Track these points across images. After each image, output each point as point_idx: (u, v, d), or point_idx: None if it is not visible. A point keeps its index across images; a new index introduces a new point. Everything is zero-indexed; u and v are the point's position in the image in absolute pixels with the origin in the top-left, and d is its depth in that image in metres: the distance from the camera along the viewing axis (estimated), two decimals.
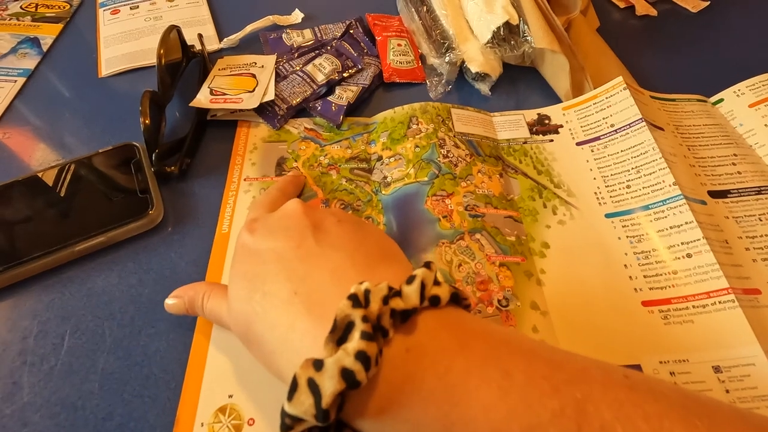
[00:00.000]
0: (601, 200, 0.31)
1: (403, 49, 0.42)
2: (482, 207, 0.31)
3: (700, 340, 0.24)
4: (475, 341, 0.17)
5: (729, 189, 0.32)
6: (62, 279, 0.29)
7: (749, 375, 0.23)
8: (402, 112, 0.36)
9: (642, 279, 0.27)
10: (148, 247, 0.30)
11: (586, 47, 0.41)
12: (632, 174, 0.31)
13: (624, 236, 0.29)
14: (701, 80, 0.41)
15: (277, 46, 0.43)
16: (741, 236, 0.29)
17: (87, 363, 0.25)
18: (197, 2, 0.49)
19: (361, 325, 0.16)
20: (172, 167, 0.33)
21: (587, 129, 0.35)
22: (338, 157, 0.35)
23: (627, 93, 0.35)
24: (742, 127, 0.36)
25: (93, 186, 0.32)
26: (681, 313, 0.26)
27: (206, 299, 0.24)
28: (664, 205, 0.29)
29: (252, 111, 0.37)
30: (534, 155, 0.34)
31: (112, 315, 0.27)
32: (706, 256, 0.27)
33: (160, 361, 0.26)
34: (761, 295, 0.26)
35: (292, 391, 0.15)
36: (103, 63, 0.43)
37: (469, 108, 0.37)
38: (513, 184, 0.33)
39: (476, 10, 0.40)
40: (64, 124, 0.38)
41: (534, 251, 0.29)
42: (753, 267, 0.28)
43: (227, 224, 0.31)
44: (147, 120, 0.32)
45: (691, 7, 0.49)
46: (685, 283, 0.27)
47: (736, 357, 0.24)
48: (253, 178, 0.33)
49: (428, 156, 0.33)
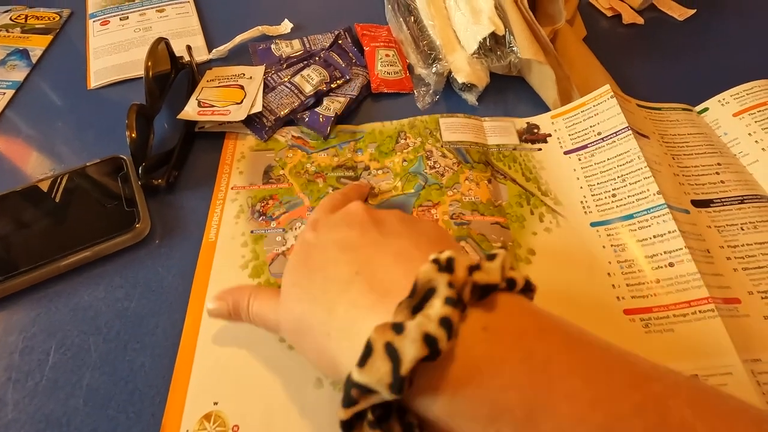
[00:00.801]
0: (587, 209, 0.32)
1: (391, 60, 0.42)
2: (468, 214, 0.31)
3: (680, 349, 0.25)
4: (553, 329, 0.16)
5: (712, 198, 0.32)
6: (48, 293, 0.29)
7: (726, 384, 0.23)
8: (391, 127, 0.37)
9: (625, 287, 0.28)
10: (135, 261, 0.30)
11: (573, 57, 0.41)
12: (618, 183, 0.32)
13: (608, 245, 0.30)
14: (687, 89, 0.42)
15: (265, 57, 0.43)
16: (723, 245, 0.29)
17: (72, 378, 0.25)
18: (187, 13, 0.49)
19: (446, 290, 0.15)
20: (159, 180, 0.33)
21: (575, 137, 0.36)
22: (325, 165, 0.35)
23: (614, 101, 0.35)
24: (727, 136, 0.36)
25: (79, 200, 0.32)
26: (661, 321, 0.26)
27: (253, 300, 0.23)
28: (648, 214, 0.30)
29: (240, 123, 0.37)
30: (523, 162, 0.35)
31: (98, 330, 0.27)
32: (688, 265, 0.27)
33: (145, 376, 0.26)
34: (740, 304, 0.27)
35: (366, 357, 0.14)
36: (92, 75, 0.43)
37: (459, 114, 0.38)
38: (501, 190, 0.33)
39: (463, 21, 0.40)
40: (52, 137, 0.38)
41: (520, 257, 0.29)
42: (733, 276, 0.28)
43: (214, 233, 0.31)
44: (133, 134, 0.32)
45: (677, 15, 0.50)
46: (666, 292, 0.27)
47: (714, 366, 0.24)
48: (240, 187, 0.34)
49: (415, 169, 0.34)
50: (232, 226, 0.31)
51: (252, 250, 0.30)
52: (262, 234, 0.31)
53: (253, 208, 0.32)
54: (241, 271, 0.29)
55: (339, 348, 0.17)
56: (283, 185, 0.34)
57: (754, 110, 0.36)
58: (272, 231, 0.31)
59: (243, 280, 0.29)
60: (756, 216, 0.31)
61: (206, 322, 0.27)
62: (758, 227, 0.30)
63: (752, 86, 0.38)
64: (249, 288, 0.24)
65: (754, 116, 0.36)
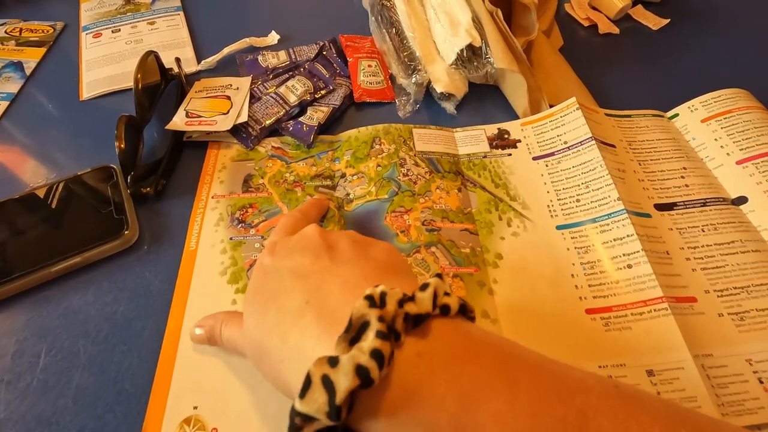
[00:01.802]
0: (553, 213, 0.33)
1: (373, 70, 0.44)
2: (439, 221, 0.32)
3: (637, 345, 0.26)
4: (484, 351, 0.17)
5: (676, 202, 0.33)
6: (39, 298, 0.30)
7: (678, 378, 0.25)
8: (366, 132, 0.38)
9: (587, 288, 0.29)
10: (124, 267, 0.32)
11: (548, 67, 0.43)
12: (582, 189, 0.33)
13: (572, 247, 0.31)
14: (659, 95, 0.43)
15: (253, 68, 0.45)
16: (683, 247, 0.31)
17: (62, 380, 0.27)
18: (177, 25, 0.51)
19: (377, 324, 0.16)
20: (148, 188, 0.34)
21: (543, 145, 0.37)
22: (303, 175, 0.36)
23: (579, 113, 0.37)
24: (695, 141, 0.38)
25: (71, 207, 0.33)
26: (620, 320, 0.27)
27: (224, 326, 0.25)
28: (609, 218, 0.31)
29: (226, 132, 0.38)
30: (492, 169, 0.36)
31: (87, 333, 0.29)
32: (644, 266, 0.28)
33: (132, 376, 0.27)
34: (696, 302, 0.28)
35: (305, 389, 0.15)
36: (85, 86, 0.44)
37: (431, 126, 0.39)
38: (471, 198, 0.34)
39: (442, 33, 0.42)
40: (46, 147, 0.39)
41: (488, 262, 0.31)
42: (691, 276, 0.29)
43: (194, 241, 0.32)
44: (122, 144, 0.33)
45: (652, 25, 0.51)
46: (625, 292, 0.28)
47: (667, 361, 0.25)
48: (220, 196, 0.35)
49: (389, 175, 0.35)
50: (212, 233, 0.32)
51: (231, 256, 0.31)
52: (241, 241, 0.32)
53: (232, 216, 0.33)
54: (220, 277, 0.30)
55: (290, 375, 0.19)
56: (262, 194, 0.35)
57: (721, 117, 0.38)
58: (251, 238, 0.32)
59: (222, 286, 0.30)
60: (717, 218, 0.32)
61: (187, 327, 0.28)
62: (718, 228, 0.31)
63: (719, 94, 0.39)
64: (222, 315, 0.26)
65: (720, 123, 0.38)
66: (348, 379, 0.15)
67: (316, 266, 0.21)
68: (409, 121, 0.41)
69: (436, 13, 0.43)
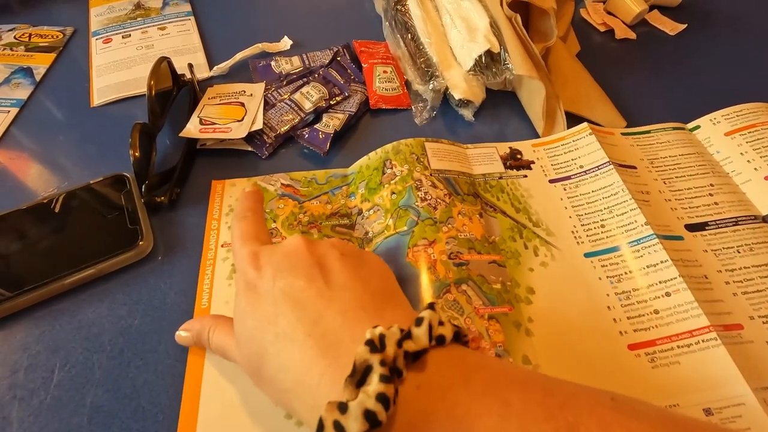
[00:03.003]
0: (579, 239, 0.32)
1: (388, 76, 0.43)
2: (466, 253, 0.29)
3: (688, 381, 0.24)
4: (476, 374, 0.18)
5: (707, 221, 0.32)
6: (53, 311, 0.29)
7: (741, 416, 0.23)
8: (376, 157, 0.35)
9: (626, 321, 0.27)
10: (138, 278, 0.31)
11: (566, 73, 0.42)
12: (605, 214, 0.32)
13: (604, 276, 0.29)
14: (679, 104, 0.43)
15: (265, 74, 0.44)
16: (720, 270, 0.29)
17: (76, 397, 0.26)
18: (188, 30, 0.50)
19: (380, 368, 0.17)
20: (162, 197, 0.34)
21: (558, 168, 0.36)
22: (318, 214, 0.33)
23: (593, 138, 0.35)
24: (719, 154, 0.36)
25: (83, 217, 0.33)
26: (667, 354, 0.25)
27: (212, 333, 0.25)
28: (638, 244, 0.30)
29: (241, 140, 0.37)
30: (510, 191, 0.34)
31: (101, 347, 0.28)
32: (684, 294, 0.27)
33: (149, 393, 0.26)
34: (743, 330, 0.26)
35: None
36: (95, 92, 0.44)
37: (443, 141, 0.37)
38: (493, 224, 0.32)
39: (459, 38, 0.41)
40: (57, 155, 0.39)
41: (520, 298, 0.29)
42: (734, 301, 0.28)
43: (206, 298, 0.29)
44: (137, 153, 0.32)
45: (669, 29, 0.51)
46: (667, 323, 0.26)
47: (725, 397, 0.23)
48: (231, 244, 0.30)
49: (405, 202, 0.31)
50: (225, 288, 0.29)
51: None
52: None
53: None
54: None
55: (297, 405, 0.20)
56: (276, 240, 0.31)
57: (745, 131, 0.37)
58: None
59: None
60: (751, 238, 0.31)
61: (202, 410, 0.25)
62: (754, 249, 0.30)
63: (741, 108, 0.38)
64: (209, 321, 0.26)
65: (745, 137, 0.36)
66: (358, 423, 0.16)
67: (311, 290, 0.21)
68: (425, 128, 0.40)
69: (452, 19, 0.43)
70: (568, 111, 0.39)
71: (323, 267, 0.22)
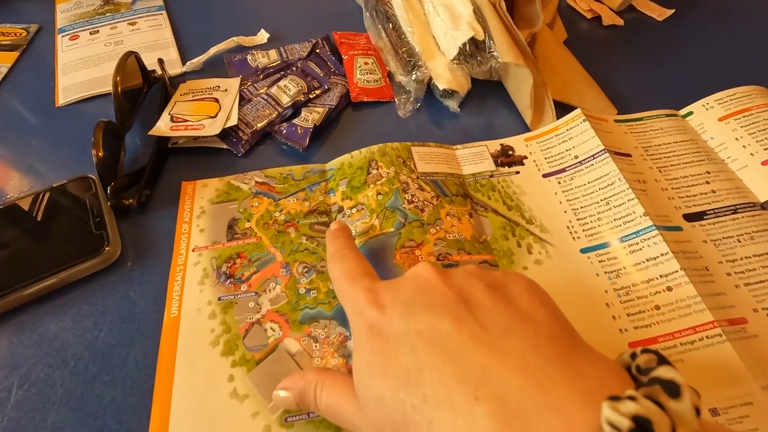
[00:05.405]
0: (575, 234, 0.30)
1: (370, 68, 0.41)
2: (455, 254, 0.28)
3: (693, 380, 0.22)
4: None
5: (705, 210, 0.31)
6: (11, 325, 0.27)
7: (748, 415, 0.21)
8: (360, 157, 0.34)
9: (626, 318, 0.26)
10: (105, 287, 0.29)
11: (554, 61, 0.41)
12: (602, 206, 0.30)
13: (602, 272, 0.28)
14: (671, 90, 0.41)
15: (241, 69, 0.42)
16: (721, 261, 0.28)
17: (36, 418, 0.24)
18: (160, 25, 0.48)
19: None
20: (130, 200, 0.31)
21: (552, 161, 0.34)
22: (295, 212, 0.32)
23: (587, 125, 0.34)
24: (714, 140, 0.35)
25: (44, 223, 0.30)
26: (670, 352, 0.24)
27: (321, 392, 0.20)
28: (637, 236, 0.28)
29: (215, 137, 0.35)
30: (502, 189, 0.33)
31: (64, 363, 0.26)
32: (687, 288, 0.25)
33: (116, 411, 0.24)
34: (748, 324, 0.25)
35: None
36: (61, 91, 0.41)
37: (430, 144, 0.35)
38: (484, 224, 0.31)
39: (442, 26, 0.40)
40: (19, 158, 0.36)
41: None
42: (736, 294, 0.26)
43: (176, 306, 0.27)
44: (100, 152, 0.30)
45: (656, 15, 0.49)
46: (668, 319, 0.25)
47: (731, 396, 0.22)
48: (202, 247, 0.30)
49: (392, 203, 0.30)
50: (197, 294, 0.28)
51: (222, 321, 0.26)
52: (232, 300, 0.27)
53: (218, 271, 0.29)
54: (212, 348, 0.25)
55: None
56: (250, 240, 0.30)
57: (739, 115, 0.35)
58: (243, 296, 0.28)
59: (215, 358, 0.25)
60: (751, 226, 0.29)
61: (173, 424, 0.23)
62: (755, 238, 0.29)
63: (734, 92, 0.37)
64: (317, 375, 0.21)
65: (739, 121, 0.35)
66: None
67: (463, 335, 0.16)
68: (409, 120, 0.39)
69: (435, 7, 0.41)
70: (557, 100, 0.38)
71: (469, 303, 0.17)
